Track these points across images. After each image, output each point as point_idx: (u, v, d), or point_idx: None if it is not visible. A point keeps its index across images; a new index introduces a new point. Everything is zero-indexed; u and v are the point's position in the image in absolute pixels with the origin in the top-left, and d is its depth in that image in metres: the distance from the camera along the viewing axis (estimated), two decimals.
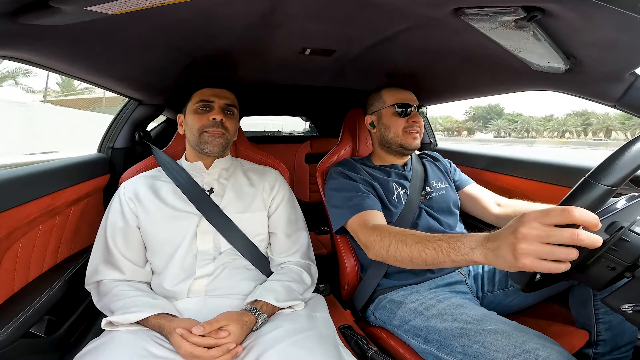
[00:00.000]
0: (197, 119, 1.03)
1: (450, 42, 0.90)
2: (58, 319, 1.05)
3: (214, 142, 1.02)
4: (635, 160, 0.60)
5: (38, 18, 0.61)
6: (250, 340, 0.78)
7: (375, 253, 0.91)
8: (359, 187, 1.11)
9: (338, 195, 1.12)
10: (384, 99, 1.24)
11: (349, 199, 1.08)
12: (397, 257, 0.83)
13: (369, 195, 1.08)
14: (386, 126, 1.22)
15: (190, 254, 0.96)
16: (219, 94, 1.06)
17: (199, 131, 1.02)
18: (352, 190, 1.10)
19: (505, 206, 1.19)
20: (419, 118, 1.20)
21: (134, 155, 1.46)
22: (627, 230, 0.62)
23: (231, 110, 1.08)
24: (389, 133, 1.21)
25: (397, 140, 1.20)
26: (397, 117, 1.20)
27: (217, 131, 1.02)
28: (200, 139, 1.03)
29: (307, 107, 2.60)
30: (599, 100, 0.96)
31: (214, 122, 1.02)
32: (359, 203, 1.05)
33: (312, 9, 0.78)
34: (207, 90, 1.06)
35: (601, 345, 0.95)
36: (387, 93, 1.25)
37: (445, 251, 0.71)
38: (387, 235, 0.87)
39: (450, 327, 0.85)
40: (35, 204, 0.92)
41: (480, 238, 0.66)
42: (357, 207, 1.04)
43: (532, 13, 0.62)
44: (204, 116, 1.03)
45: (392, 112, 1.20)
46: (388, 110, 1.22)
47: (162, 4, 0.63)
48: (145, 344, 0.74)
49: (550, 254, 0.53)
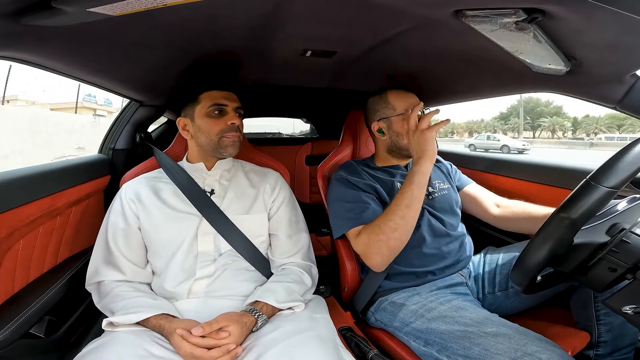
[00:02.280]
0: (213, 123, 1.02)
1: (451, 43, 0.90)
2: (58, 320, 1.05)
3: (234, 145, 1.03)
4: (637, 162, 0.60)
5: (40, 19, 0.62)
6: (250, 341, 0.78)
7: (374, 258, 1.01)
8: (359, 196, 1.10)
9: (338, 204, 1.12)
10: (393, 105, 1.18)
11: (348, 210, 1.08)
12: (390, 240, 0.97)
13: (368, 205, 1.07)
14: (399, 134, 1.17)
15: (191, 255, 0.96)
16: (230, 97, 1.05)
17: (218, 136, 1.02)
18: (352, 201, 1.09)
19: (504, 207, 1.19)
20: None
21: (135, 156, 1.47)
22: (628, 232, 0.62)
23: (240, 113, 1.07)
24: (402, 140, 1.17)
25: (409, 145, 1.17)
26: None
27: (235, 135, 1.03)
28: (219, 143, 1.02)
29: (307, 108, 2.61)
30: (600, 102, 0.96)
31: (232, 127, 1.02)
32: (356, 217, 1.05)
33: (313, 10, 0.78)
34: (216, 93, 1.04)
35: (602, 347, 0.95)
36: (394, 98, 1.19)
37: (407, 195, 0.96)
38: (373, 231, 0.99)
39: (451, 330, 0.85)
40: (36, 205, 0.92)
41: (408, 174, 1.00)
42: (355, 221, 1.05)
43: (533, 15, 0.62)
44: (221, 120, 1.02)
45: (405, 118, 1.14)
46: (400, 117, 1.17)
47: (163, 5, 0.63)
48: (146, 345, 0.74)
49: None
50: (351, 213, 1.07)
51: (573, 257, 0.67)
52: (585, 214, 0.61)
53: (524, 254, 0.69)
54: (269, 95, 1.97)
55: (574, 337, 0.94)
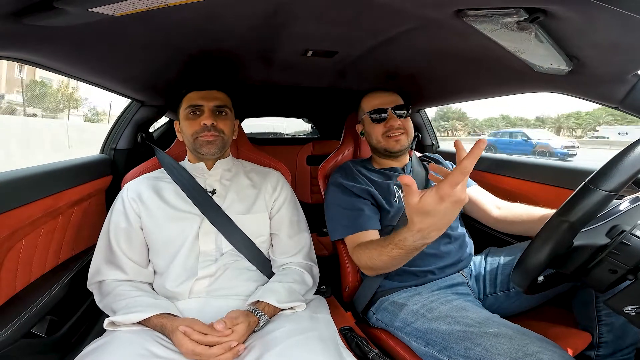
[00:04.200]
0: (189, 125, 1.02)
1: (452, 43, 0.90)
2: (60, 319, 1.05)
3: (209, 146, 1.02)
4: (635, 165, 0.59)
5: (42, 19, 0.62)
6: (251, 341, 0.79)
7: (367, 272, 1.04)
8: (354, 203, 1.11)
9: (334, 209, 1.15)
10: (363, 107, 1.27)
11: (343, 216, 1.10)
12: (375, 265, 0.94)
13: (362, 212, 1.08)
14: (368, 133, 1.25)
15: (193, 254, 0.96)
16: (208, 96, 1.04)
17: (193, 137, 1.02)
18: (347, 208, 1.11)
19: (505, 209, 1.19)
20: (395, 121, 1.18)
21: (137, 156, 1.47)
22: (629, 234, 0.61)
23: (223, 111, 1.05)
24: (371, 139, 1.24)
25: (381, 146, 1.21)
26: (374, 123, 1.21)
27: (209, 135, 1.01)
28: (194, 144, 1.03)
29: (309, 108, 2.60)
30: (602, 101, 0.96)
31: (205, 127, 1.01)
32: (351, 224, 1.07)
33: (314, 10, 0.78)
34: (194, 94, 1.04)
35: (603, 348, 0.95)
36: (365, 100, 1.28)
37: (397, 250, 0.82)
38: (365, 251, 0.97)
39: (452, 330, 0.85)
40: (38, 205, 0.92)
41: (403, 229, 0.77)
42: (350, 229, 1.07)
43: (534, 14, 0.62)
44: (195, 122, 1.01)
45: (370, 119, 1.22)
46: (367, 117, 1.24)
47: (164, 5, 0.63)
48: (147, 344, 0.74)
49: None
50: (346, 220, 1.09)
51: (573, 259, 0.67)
52: (584, 217, 0.61)
53: (524, 256, 0.69)
54: (270, 95, 1.97)
55: (575, 337, 0.94)
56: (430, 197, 0.65)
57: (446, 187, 0.63)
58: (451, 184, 0.63)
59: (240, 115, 2.02)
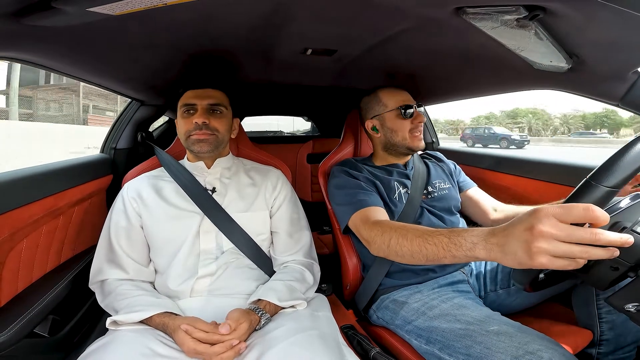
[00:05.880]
0: (183, 123, 1.02)
1: (452, 41, 0.90)
2: (62, 319, 1.06)
3: (201, 144, 1.01)
4: (637, 161, 0.59)
5: (40, 19, 0.62)
6: (252, 339, 0.79)
7: (376, 248, 0.90)
8: (361, 184, 1.11)
9: (341, 192, 1.13)
10: (384, 102, 1.21)
11: (352, 195, 1.08)
12: (398, 251, 0.82)
13: (371, 192, 1.09)
14: (392, 130, 1.20)
15: (193, 253, 0.96)
16: (202, 95, 1.03)
17: (186, 136, 1.02)
18: (354, 188, 1.10)
19: (500, 211, 1.20)
20: (422, 118, 1.19)
21: (137, 155, 1.47)
22: (630, 231, 0.61)
23: (218, 109, 1.04)
24: (396, 137, 1.19)
25: (405, 143, 1.19)
26: (402, 119, 1.18)
27: (201, 133, 1.00)
28: (187, 142, 1.03)
29: (308, 107, 2.60)
30: (602, 99, 0.95)
31: (197, 125, 1.00)
32: (362, 199, 1.05)
33: (314, 9, 0.78)
34: (189, 92, 1.04)
35: (604, 345, 0.94)
36: (385, 95, 1.22)
37: (445, 246, 0.69)
38: (389, 230, 0.86)
39: (452, 328, 0.85)
40: (39, 205, 0.93)
41: (482, 233, 0.63)
42: (359, 204, 1.04)
43: (534, 12, 0.62)
44: (189, 120, 1.01)
45: (397, 114, 1.19)
46: (392, 113, 1.20)
47: (163, 5, 0.63)
48: (150, 343, 0.74)
49: (567, 253, 0.50)
50: (354, 197, 1.07)
51: None
52: None
53: None
54: (270, 94, 1.97)
55: (576, 335, 0.94)
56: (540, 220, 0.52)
57: (552, 229, 0.51)
58: (561, 235, 0.51)
59: (239, 113, 2.02)
